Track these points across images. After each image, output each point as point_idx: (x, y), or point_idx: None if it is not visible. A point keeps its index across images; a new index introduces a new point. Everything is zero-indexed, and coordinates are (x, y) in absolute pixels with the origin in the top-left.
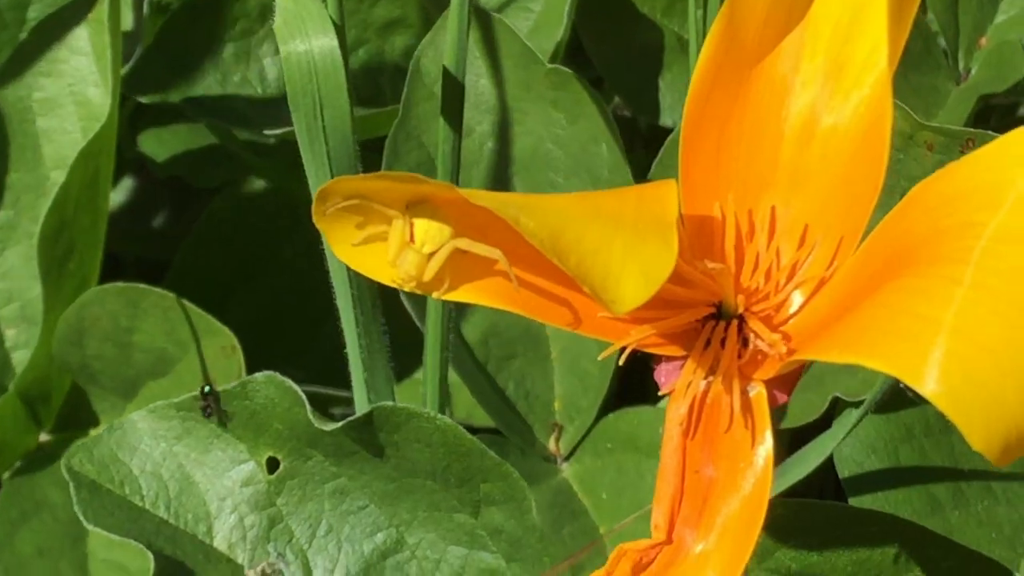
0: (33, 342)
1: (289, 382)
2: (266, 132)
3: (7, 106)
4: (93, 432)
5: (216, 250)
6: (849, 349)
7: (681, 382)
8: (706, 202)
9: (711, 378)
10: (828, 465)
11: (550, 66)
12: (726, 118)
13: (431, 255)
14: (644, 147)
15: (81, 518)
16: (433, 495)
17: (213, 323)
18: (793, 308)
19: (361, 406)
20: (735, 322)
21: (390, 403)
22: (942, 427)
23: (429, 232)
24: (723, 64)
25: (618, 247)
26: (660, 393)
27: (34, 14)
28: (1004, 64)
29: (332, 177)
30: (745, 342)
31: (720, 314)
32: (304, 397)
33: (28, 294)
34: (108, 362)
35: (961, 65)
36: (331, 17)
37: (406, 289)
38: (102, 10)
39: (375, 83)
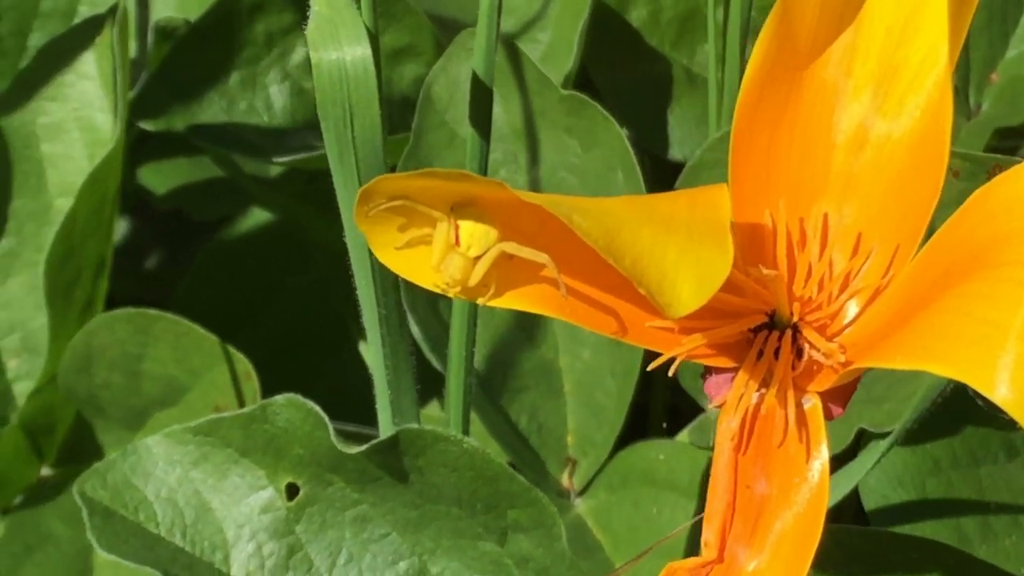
0: (35, 373)
1: (311, 404)
2: (274, 160)
3: (11, 132)
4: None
5: (219, 284)
6: (913, 355)
7: (733, 395)
8: (756, 210)
9: (764, 390)
10: (852, 501)
11: (565, 92)
12: (777, 122)
13: (477, 259)
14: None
15: (95, 544)
16: (458, 522)
17: (227, 349)
18: (848, 318)
19: (386, 430)
20: (788, 332)
21: (416, 426)
22: (969, 460)
23: (475, 235)
24: (774, 67)
25: (672, 251)
26: (710, 406)
27: (35, 41)
28: (1017, 98)
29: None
30: (799, 353)
31: (773, 324)
32: (327, 420)
33: (30, 324)
34: (116, 391)
35: (972, 100)
36: (366, 25)
37: (450, 295)
38: (110, 34)
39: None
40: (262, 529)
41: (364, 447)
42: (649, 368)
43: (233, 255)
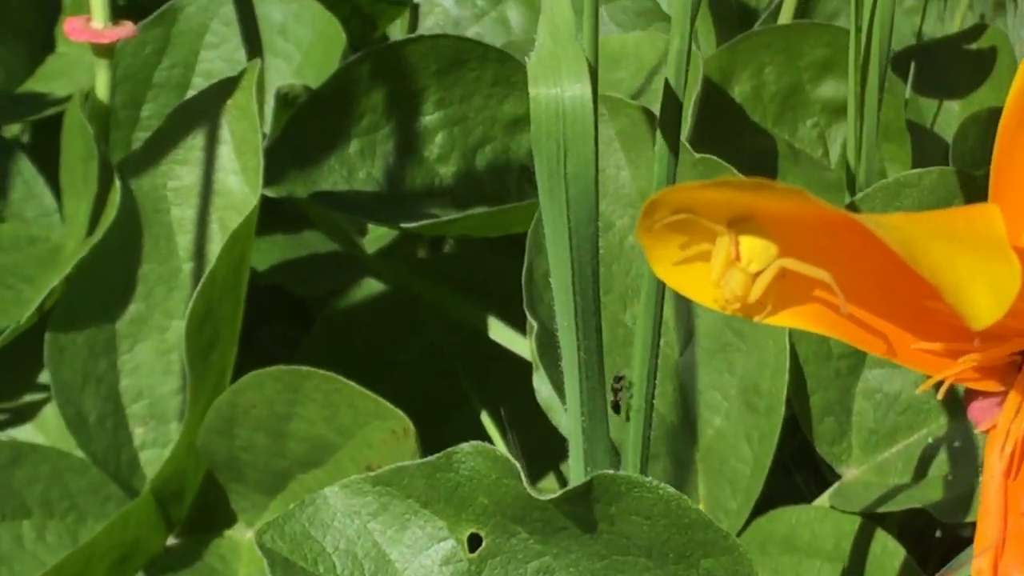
0: (162, 440)
1: (500, 451)
2: (402, 226)
3: (141, 195)
4: (228, 532)
5: (332, 356)
6: None
7: (1003, 418)
8: (1015, 233)
9: None
10: None
11: (698, 155)
12: None
13: (756, 275)
14: None
15: None
16: (645, 573)
17: (383, 405)
18: None
19: (577, 478)
20: None
21: (611, 472)
22: None
23: (755, 250)
24: None
25: (962, 264)
26: (978, 430)
27: (148, 112)
28: None
29: (569, 227)
30: None
31: None
32: (519, 468)
33: (158, 391)
34: (258, 453)
35: None
36: (588, 61)
37: (727, 312)
38: (242, 96)
39: (501, 181)
40: None
41: (556, 494)
42: (919, 390)
43: (345, 328)
